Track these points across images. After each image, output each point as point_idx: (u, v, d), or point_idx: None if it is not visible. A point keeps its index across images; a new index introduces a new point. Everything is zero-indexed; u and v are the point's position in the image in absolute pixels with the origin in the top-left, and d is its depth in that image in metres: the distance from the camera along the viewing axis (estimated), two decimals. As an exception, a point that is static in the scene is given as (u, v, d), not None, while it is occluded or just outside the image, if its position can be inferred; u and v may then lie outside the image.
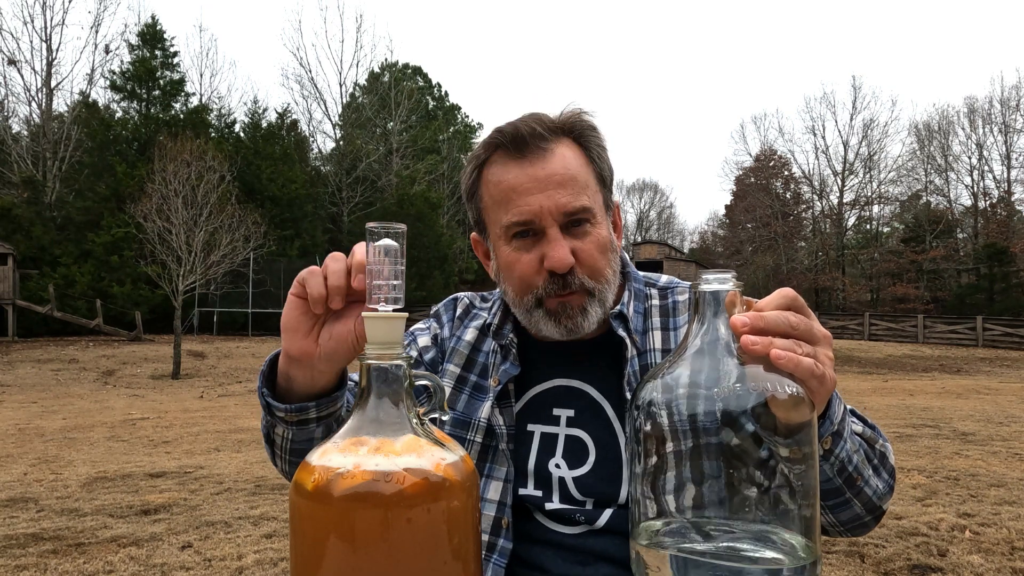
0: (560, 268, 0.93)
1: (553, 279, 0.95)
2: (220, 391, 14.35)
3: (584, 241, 0.95)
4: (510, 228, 0.96)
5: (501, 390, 1.03)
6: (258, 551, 3.78)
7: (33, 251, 24.25)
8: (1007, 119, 38.94)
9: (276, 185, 27.93)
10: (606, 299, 0.98)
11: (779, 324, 0.62)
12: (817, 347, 0.64)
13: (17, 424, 9.23)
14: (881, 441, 0.90)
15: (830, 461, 0.78)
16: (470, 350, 1.10)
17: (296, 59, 45.12)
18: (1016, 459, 5.95)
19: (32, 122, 29.95)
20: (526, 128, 0.95)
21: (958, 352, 23.41)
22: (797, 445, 0.59)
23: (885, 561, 3.53)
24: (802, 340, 0.63)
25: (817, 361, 0.62)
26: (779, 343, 0.60)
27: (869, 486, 0.86)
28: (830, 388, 0.64)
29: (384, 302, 0.64)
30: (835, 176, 42.81)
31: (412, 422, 0.62)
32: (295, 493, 0.60)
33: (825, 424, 0.75)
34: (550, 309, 0.97)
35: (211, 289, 22.93)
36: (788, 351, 0.60)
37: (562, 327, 0.97)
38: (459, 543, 0.60)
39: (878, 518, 0.91)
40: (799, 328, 0.63)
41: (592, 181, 0.98)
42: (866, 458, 0.85)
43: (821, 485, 0.80)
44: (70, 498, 4.99)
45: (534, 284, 0.96)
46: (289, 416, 0.87)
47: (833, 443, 0.77)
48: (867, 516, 0.89)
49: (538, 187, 0.94)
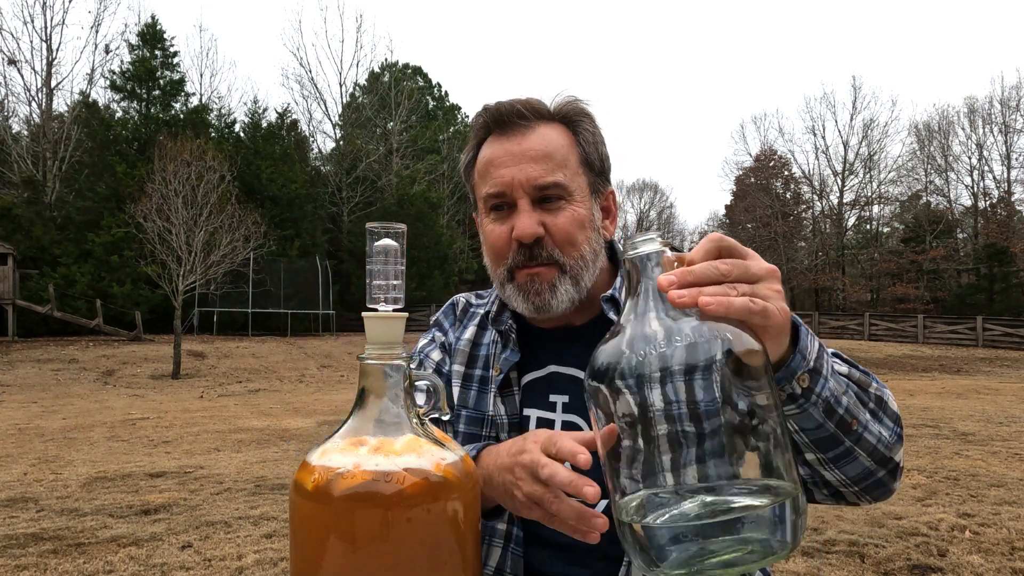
0: (525, 238, 0.95)
1: (521, 250, 0.96)
2: (220, 391, 14.35)
3: (557, 216, 0.96)
4: (487, 200, 1.00)
5: (504, 379, 1.03)
6: (258, 551, 3.77)
7: (33, 251, 24.23)
8: (1007, 119, 38.93)
9: (276, 185, 27.91)
10: (580, 277, 0.98)
11: (708, 274, 0.60)
12: (758, 284, 0.62)
13: (17, 424, 9.22)
14: (876, 385, 0.84)
15: (812, 401, 0.72)
16: (471, 346, 1.10)
17: (296, 59, 45.09)
18: (1016, 459, 5.94)
19: (32, 122, 29.94)
20: (509, 107, 0.99)
21: (958, 352, 23.40)
22: (751, 390, 0.57)
23: (885, 561, 3.53)
24: (739, 282, 0.61)
25: (754, 297, 0.60)
26: (707, 290, 0.58)
27: (870, 432, 0.80)
28: (779, 321, 0.62)
29: (384, 302, 0.64)
30: (835, 176, 42.81)
31: (412, 422, 0.62)
32: (295, 493, 0.60)
33: (796, 359, 0.70)
34: (520, 283, 0.98)
35: (211, 289, 22.91)
36: (716, 296, 0.58)
37: (530, 303, 0.98)
38: (459, 543, 0.60)
39: (893, 473, 0.84)
40: (731, 273, 0.61)
41: (574, 162, 0.99)
42: (859, 401, 0.79)
43: (814, 433, 0.76)
44: (70, 498, 4.99)
45: (504, 255, 0.99)
46: None
47: (812, 381, 0.72)
48: (879, 470, 0.83)
49: (512, 160, 0.97)
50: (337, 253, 31.84)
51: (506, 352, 1.05)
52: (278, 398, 12.90)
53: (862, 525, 4.08)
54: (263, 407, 11.11)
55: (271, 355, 19.77)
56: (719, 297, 0.58)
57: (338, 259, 31.39)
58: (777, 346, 0.67)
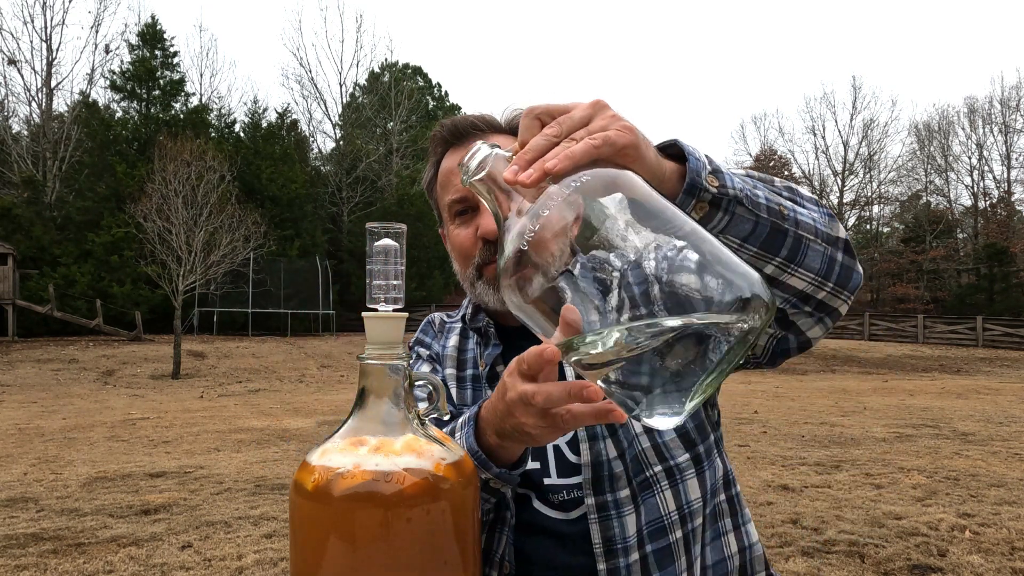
0: (490, 235, 0.97)
1: (487, 246, 0.98)
2: (220, 391, 14.35)
3: None
4: (451, 207, 1.02)
5: (491, 372, 1.05)
6: (258, 551, 3.78)
7: (33, 251, 24.24)
8: (1007, 119, 38.97)
9: (276, 185, 27.92)
10: None
11: (541, 144, 0.59)
12: (591, 124, 0.61)
13: (17, 424, 9.22)
14: (778, 180, 0.81)
15: (732, 197, 0.69)
16: (457, 352, 1.12)
17: (296, 59, 45.18)
18: (1016, 459, 5.95)
19: (32, 122, 29.97)
20: (463, 120, 1.04)
21: (958, 352, 23.40)
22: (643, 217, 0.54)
23: (885, 561, 3.53)
24: (572, 134, 0.59)
25: (591, 135, 0.58)
26: (549, 156, 0.57)
27: (802, 215, 0.77)
28: (627, 140, 0.60)
29: (384, 302, 0.64)
30: (835, 176, 42.83)
31: (412, 422, 0.62)
32: (295, 493, 0.60)
33: (691, 162, 0.67)
34: (489, 278, 1.00)
35: (211, 289, 22.93)
36: (558, 156, 0.56)
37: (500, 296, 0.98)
38: (459, 543, 0.60)
39: (849, 251, 0.82)
40: (561, 132, 0.60)
41: None
42: (772, 191, 0.77)
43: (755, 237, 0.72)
44: (70, 498, 4.99)
45: (472, 254, 1.01)
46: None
47: (720, 179, 0.69)
48: (835, 251, 0.80)
49: None
50: (337, 253, 31.86)
51: (488, 348, 1.07)
52: (278, 398, 12.91)
53: (862, 525, 4.09)
54: (263, 407, 11.12)
55: (271, 355, 19.78)
56: (555, 158, 0.56)
57: (338, 259, 31.41)
58: (653, 166, 0.64)
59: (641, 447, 0.95)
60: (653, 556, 0.92)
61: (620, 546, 0.92)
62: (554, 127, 0.60)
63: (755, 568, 1.02)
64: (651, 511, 0.94)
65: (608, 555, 0.92)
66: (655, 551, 0.93)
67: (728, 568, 0.99)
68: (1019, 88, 38.81)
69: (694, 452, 0.98)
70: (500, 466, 0.81)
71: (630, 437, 0.96)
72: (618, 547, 0.92)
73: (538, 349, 0.64)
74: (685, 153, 0.69)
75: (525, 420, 0.69)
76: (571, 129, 0.60)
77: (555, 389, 0.64)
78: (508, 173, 0.57)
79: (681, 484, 0.95)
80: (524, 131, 0.62)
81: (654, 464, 0.95)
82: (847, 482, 5.18)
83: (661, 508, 0.94)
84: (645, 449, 0.95)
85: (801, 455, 6.19)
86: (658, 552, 0.93)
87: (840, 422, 8.24)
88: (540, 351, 0.63)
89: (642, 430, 0.96)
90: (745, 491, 4.91)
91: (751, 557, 1.02)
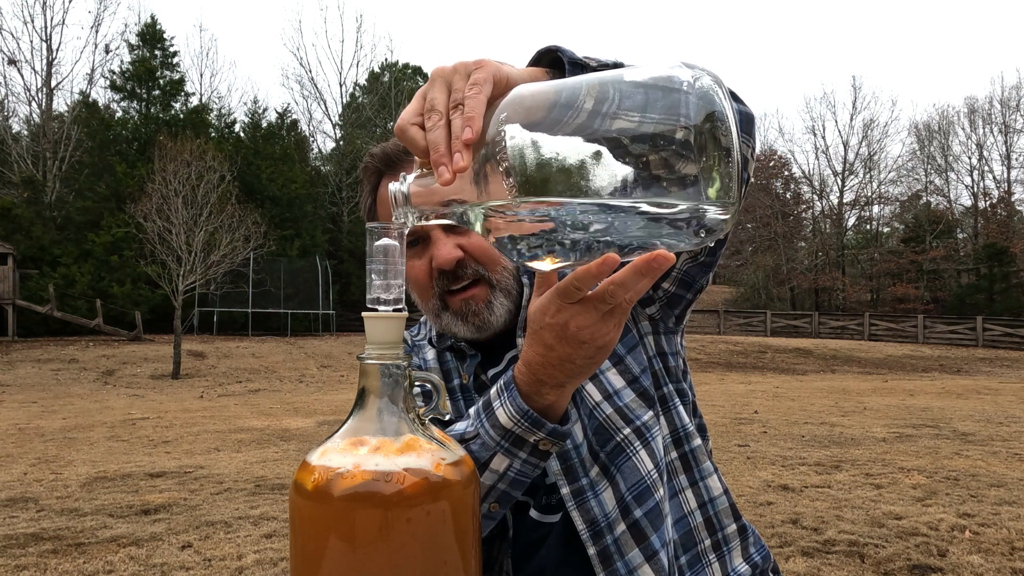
0: (445, 265, 0.95)
1: (443, 276, 0.97)
2: (220, 391, 14.35)
3: (470, 236, 0.96)
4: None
5: (476, 383, 1.04)
6: (258, 551, 3.78)
7: (33, 251, 24.24)
8: (1007, 119, 38.99)
9: (276, 185, 27.93)
10: (510, 288, 0.98)
11: (439, 135, 0.57)
12: (454, 84, 0.59)
13: (17, 424, 9.22)
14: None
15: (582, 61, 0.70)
16: (439, 364, 1.10)
17: (296, 59, 45.27)
18: (1016, 459, 5.95)
19: (32, 122, 29.99)
20: (395, 147, 1.00)
21: (958, 352, 23.41)
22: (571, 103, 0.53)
23: (885, 561, 3.53)
24: (456, 110, 0.58)
25: (465, 94, 0.57)
26: (455, 135, 0.55)
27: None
28: (493, 68, 0.59)
29: (384, 302, 0.64)
30: (835, 176, 42.83)
31: (412, 422, 0.62)
32: (295, 493, 0.60)
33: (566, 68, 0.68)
34: (456, 310, 0.98)
35: (211, 289, 22.90)
36: (461, 127, 0.55)
37: (470, 325, 0.97)
38: (459, 543, 0.60)
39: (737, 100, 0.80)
40: (442, 114, 0.58)
41: None
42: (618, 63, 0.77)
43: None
44: (70, 498, 4.99)
45: (429, 287, 0.99)
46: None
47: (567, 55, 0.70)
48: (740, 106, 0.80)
49: None
50: (337, 253, 31.86)
51: (466, 361, 1.06)
52: (278, 398, 12.91)
53: (862, 525, 4.09)
54: (263, 407, 11.12)
55: (271, 355, 19.78)
56: (463, 122, 0.55)
57: (338, 259, 31.40)
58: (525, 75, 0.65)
59: (604, 414, 0.94)
60: (645, 519, 0.91)
61: (603, 524, 0.91)
62: (432, 116, 0.58)
63: (722, 522, 0.99)
64: (631, 474, 0.92)
65: (595, 537, 0.91)
66: (646, 513, 0.91)
67: (692, 524, 0.97)
68: (1019, 88, 38.86)
69: (655, 409, 0.96)
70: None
71: (588, 409, 0.94)
72: (602, 526, 0.91)
73: (592, 264, 0.59)
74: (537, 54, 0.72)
75: (572, 348, 0.68)
76: (445, 105, 0.58)
77: (622, 274, 0.62)
78: (441, 177, 0.54)
79: (652, 442, 0.94)
80: (412, 143, 0.60)
81: (622, 428, 0.93)
82: (847, 482, 5.18)
83: (641, 468, 0.92)
84: (609, 415, 0.94)
85: (801, 455, 6.19)
86: (649, 514, 0.91)
87: (840, 422, 8.24)
88: (600, 260, 0.58)
89: (601, 398, 0.94)
90: (745, 491, 4.91)
91: (715, 511, 0.99)
